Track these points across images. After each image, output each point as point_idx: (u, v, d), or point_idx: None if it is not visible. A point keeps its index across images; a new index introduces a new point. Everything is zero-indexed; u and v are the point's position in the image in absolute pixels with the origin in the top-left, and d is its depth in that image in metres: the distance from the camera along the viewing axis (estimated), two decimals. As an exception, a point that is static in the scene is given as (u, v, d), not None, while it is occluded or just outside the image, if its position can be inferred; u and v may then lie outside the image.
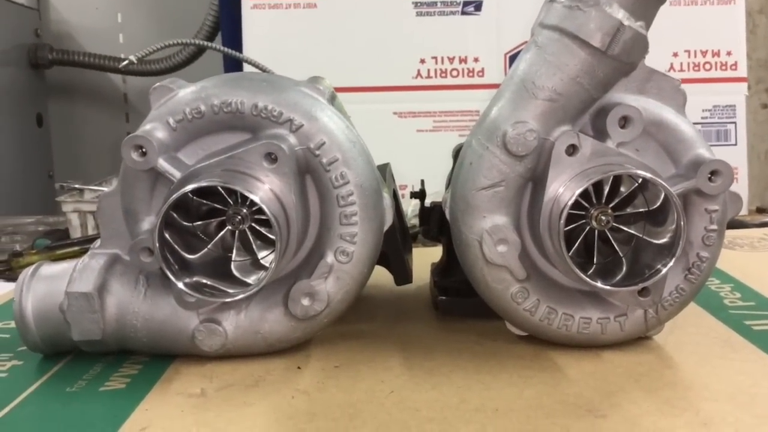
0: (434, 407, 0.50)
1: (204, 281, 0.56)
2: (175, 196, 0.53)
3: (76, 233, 1.12)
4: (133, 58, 1.04)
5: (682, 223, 0.53)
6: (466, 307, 0.68)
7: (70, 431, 0.48)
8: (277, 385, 0.55)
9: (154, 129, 0.57)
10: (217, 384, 0.55)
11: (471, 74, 1.31)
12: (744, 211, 1.30)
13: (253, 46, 1.26)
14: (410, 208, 1.15)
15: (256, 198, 0.53)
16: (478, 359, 0.59)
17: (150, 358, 0.60)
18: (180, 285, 0.54)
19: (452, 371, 0.56)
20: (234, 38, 1.34)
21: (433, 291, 0.74)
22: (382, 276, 0.72)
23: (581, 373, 0.55)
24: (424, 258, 0.81)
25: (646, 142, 0.57)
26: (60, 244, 1.05)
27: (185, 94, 0.58)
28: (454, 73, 1.31)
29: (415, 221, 1.05)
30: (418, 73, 1.30)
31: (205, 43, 1.29)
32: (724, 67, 1.30)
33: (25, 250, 1.04)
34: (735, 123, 1.31)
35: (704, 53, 1.30)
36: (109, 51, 1.79)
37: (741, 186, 1.30)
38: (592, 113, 0.57)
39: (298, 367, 0.58)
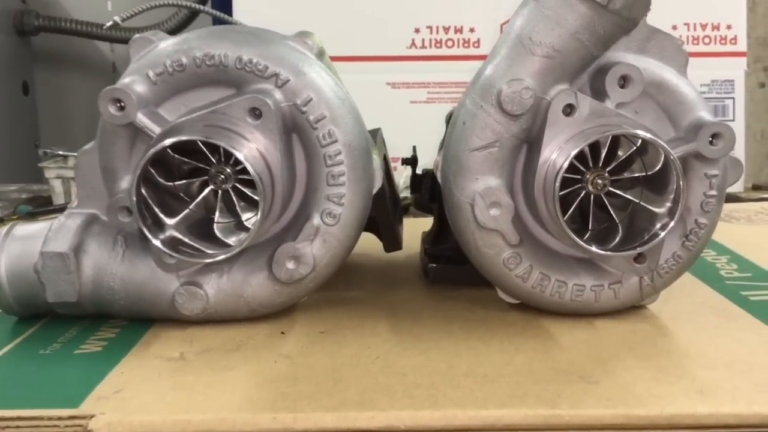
0: (422, 372, 0.48)
1: (182, 239, 0.54)
2: (153, 150, 0.50)
3: (59, 200, 1.09)
4: (117, 18, 1.00)
5: (681, 184, 0.52)
6: (456, 275, 0.66)
7: (42, 393, 0.46)
8: (259, 350, 0.53)
9: (133, 82, 0.54)
10: (197, 348, 0.53)
11: (466, 45, 1.28)
12: (740, 188, 1.28)
13: (244, 8, 1.23)
14: (402, 179, 1.13)
15: (240, 155, 0.51)
16: (468, 326, 0.57)
17: (128, 323, 0.58)
18: (157, 243, 0.52)
19: (441, 338, 0.54)
20: (224, 6, 1.30)
21: (423, 259, 0.72)
22: (371, 244, 0.71)
23: (573, 341, 0.54)
24: (415, 228, 0.79)
25: (646, 104, 0.55)
26: (42, 210, 1.03)
27: (166, 46, 0.55)
28: (449, 43, 1.29)
29: (407, 193, 1.03)
30: (413, 43, 1.28)
31: (194, 5, 1.26)
32: (723, 41, 1.28)
33: (6, 216, 1.02)
34: (733, 98, 1.29)
35: (704, 26, 1.28)
36: (97, 18, 1.74)
37: (738, 163, 1.28)
38: (591, 73, 0.55)
39: (282, 333, 0.56)
